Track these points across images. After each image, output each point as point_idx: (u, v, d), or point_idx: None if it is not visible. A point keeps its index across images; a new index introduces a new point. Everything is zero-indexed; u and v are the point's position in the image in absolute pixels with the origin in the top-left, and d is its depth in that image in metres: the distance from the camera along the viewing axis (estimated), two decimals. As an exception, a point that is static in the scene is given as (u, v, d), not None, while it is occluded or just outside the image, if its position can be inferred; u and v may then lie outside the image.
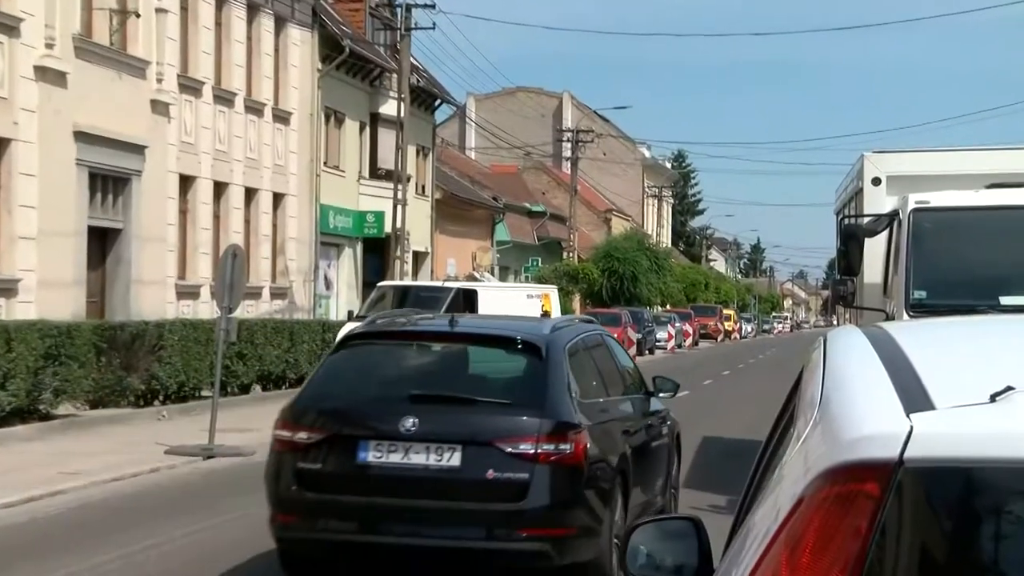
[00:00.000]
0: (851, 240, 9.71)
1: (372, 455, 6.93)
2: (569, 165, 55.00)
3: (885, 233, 10.49)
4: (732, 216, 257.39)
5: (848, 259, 9.69)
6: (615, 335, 11.51)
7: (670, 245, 77.92)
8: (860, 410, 1.89)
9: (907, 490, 1.77)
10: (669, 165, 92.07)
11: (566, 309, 39.76)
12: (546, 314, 25.16)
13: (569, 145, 54.34)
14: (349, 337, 7.86)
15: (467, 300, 24.25)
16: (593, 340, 8.49)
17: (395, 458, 6.93)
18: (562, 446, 6.93)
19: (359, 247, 33.42)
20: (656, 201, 77.15)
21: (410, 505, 5.83)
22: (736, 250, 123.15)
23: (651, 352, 42.92)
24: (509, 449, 6.95)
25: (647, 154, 79.39)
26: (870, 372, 2.07)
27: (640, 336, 40.71)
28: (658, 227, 73.85)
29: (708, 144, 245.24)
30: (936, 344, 2.44)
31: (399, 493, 6.78)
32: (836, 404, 1.99)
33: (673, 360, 39.77)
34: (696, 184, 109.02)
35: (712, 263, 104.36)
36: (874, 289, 11.15)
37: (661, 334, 46.97)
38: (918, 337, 2.52)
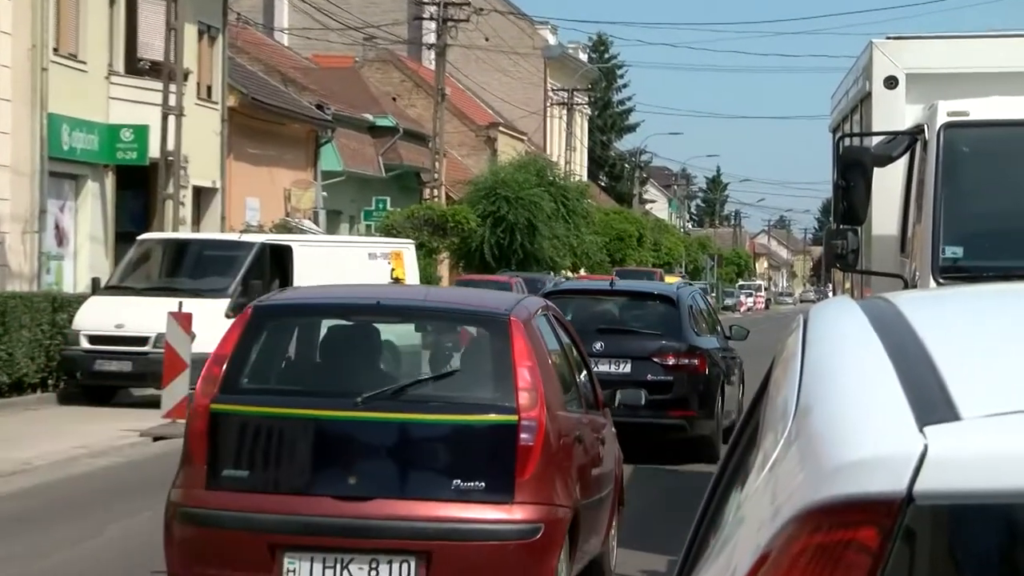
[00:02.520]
0: (854, 171, 9.86)
1: None
2: (434, 57, 54.96)
3: (904, 160, 10.66)
4: (680, 135, 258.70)
5: (850, 200, 9.83)
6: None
7: (586, 178, 78.41)
8: (853, 422, 1.94)
9: (920, 538, 1.81)
10: (585, 58, 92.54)
11: (428, 275, 39.78)
12: (397, 281, 25.81)
13: (434, 26, 54.32)
14: (546, 294, 18.30)
15: (277, 260, 24.43)
16: (699, 295, 20.84)
17: None
18: (692, 361, 17.58)
19: (110, 180, 33.10)
20: (565, 112, 77.62)
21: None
22: (685, 187, 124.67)
23: None
24: (659, 362, 17.61)
25: (551, 40, 79.71)
26: (869, 366, 2.12)
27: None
28: (568, 151, 74.13)
29: (642, 26, 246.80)
30: (967, 325, 2.49)
31: None
32: (819, 414, 2.04)
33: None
34: (625, 87, 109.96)
35: (649, 206, 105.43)
36: (887, 244, 11.44)
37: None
38: (940, 314, 2.59)
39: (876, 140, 10.83)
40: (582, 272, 58.85)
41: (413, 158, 53.17)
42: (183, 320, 20.07)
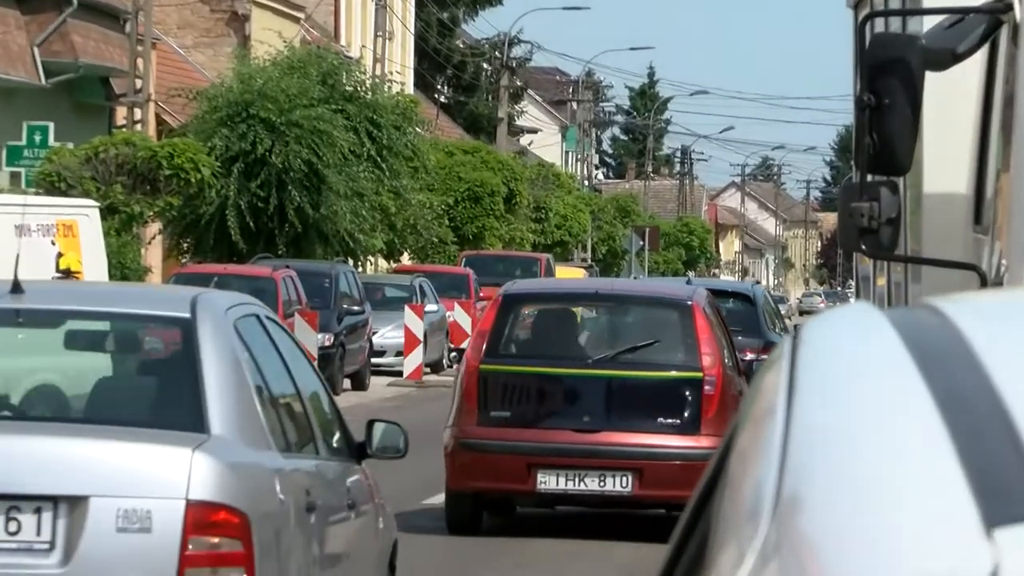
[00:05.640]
0: (891, 80, 9.28)
1: None
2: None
3: (979, 60, 10.16)
4: (583, 11, 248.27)
5: (884, 131, 9.16)
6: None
7: (413, 90, 68.99)
8: (875, 523, 1.96)
9: None
10: None
11: (125, 263, 35.88)
12: (67, 272, 25.13)
13: None
14: None
15: None
16: (768, 294, 49.69)
17: None
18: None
19: None
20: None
21: None
22: (593, 105, 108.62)
23: (363, 387, 40.44)
24: (740, 355, 26.79)
25: None
26: (902, 425, 2.13)
27: (335, 340, 37.91)
28: (380, 40, 64.42)
29: None
30: None
31: None
32: (815, 509, 2.06)
33: (409, 412, 35.31)
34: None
35: (528, 139, 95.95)
36: (950, 210, 11.48)
37: (390, 335, 43.18)
38: None
39: (929, 24, 10.19)
40: (405, 260, 52.28)
41: (97, 52, 46.60)
42: None
